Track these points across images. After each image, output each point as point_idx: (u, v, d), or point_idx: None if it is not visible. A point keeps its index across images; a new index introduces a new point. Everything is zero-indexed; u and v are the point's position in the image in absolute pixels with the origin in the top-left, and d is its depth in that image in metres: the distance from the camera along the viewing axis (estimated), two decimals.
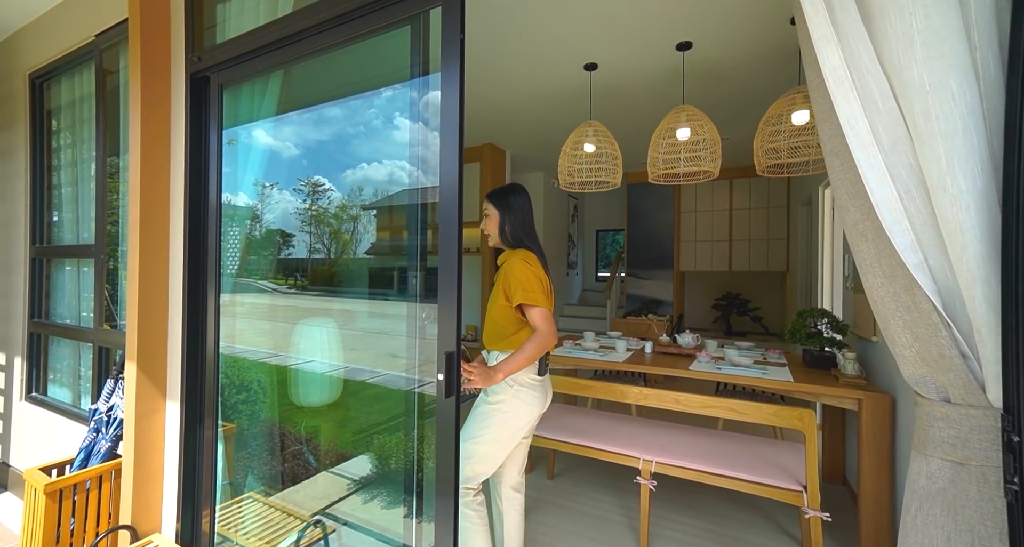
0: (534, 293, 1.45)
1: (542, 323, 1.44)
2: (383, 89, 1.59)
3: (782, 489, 1.72)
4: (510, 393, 1.51)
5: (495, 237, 1.64)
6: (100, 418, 1.76)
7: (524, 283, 1.46)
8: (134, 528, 1.65)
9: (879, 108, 0.78)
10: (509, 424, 1.52)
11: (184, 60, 1.72)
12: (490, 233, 1.64)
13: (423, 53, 1.29)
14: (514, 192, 1.62)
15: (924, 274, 0.76)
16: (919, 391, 0.84)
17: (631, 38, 2.62)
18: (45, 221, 2.56)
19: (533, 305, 1.45)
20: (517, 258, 1.51)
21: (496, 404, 1.53)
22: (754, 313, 6.44)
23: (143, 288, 1.69)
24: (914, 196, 0.76)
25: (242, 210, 1.88)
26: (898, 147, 0.76)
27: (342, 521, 1.89)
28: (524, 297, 1.44)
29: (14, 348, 2.65)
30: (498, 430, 1.51)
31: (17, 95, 2.66)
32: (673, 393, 1.94)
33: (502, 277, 1.54)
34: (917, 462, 0.84)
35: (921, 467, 0.83)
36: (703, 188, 6.38)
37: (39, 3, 2.35)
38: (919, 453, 0.84)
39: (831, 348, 2.38)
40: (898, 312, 0.82)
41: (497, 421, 1.52)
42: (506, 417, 1.51)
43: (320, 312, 2.24)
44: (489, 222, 1.63)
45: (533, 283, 1.46)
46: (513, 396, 1.51)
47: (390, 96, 1.56)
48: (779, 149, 2.31)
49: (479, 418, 1.55)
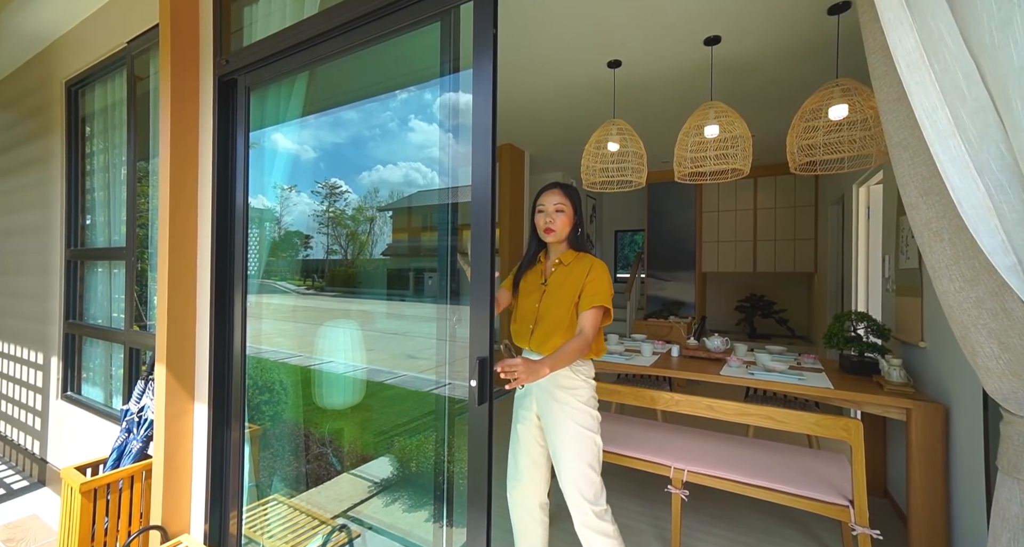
0: (609, 297, 1.48)
1: (593, 330, 1.45)
2: (412, 87, 1.56)
3: (827, 503, 1.63)
4: (592, 387, 1.52)
5: (561, 234, 1.57)
6: (131, 419, 1.78)
7: (607, 286, 1.48)
8: (164, 528, 1.65)
9: (964, 95, 0.70)
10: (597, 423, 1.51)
11: (212, 63, 1.73)
12: (557, 229, 1.55)
13: (453, 50, 1.25)
14: (579, 193, 1.61)
15: (1018, 277, 0.69)
16: (1008, 408, 0.76)
17: (657, 34, 2.55)
18: (79, 225, 2.63)
19: (605, 311, 1.49)
20: (602, 264, 1.53)
21: (589, 399, 1.51)
22: (780, 315, 6.25)
23: (172, 290, 1.70)
24: (1007, 191, 0.68)
25: (265, 212, 1.88)
26: (987, 137, 0.69)
27: (367, 525, 1.87)
28: (607, 300, 1.47)
29: (51, 348, 2.72)
30: (597, 426, 1.50)
31: (54, 102, 2.73)
32: (707, 399, 1.86)
33: (581, 278, 1.50)
34: (1008, 487, 0.76)
35: (1013, 494, 0.75)
36: (726, 187, 6.23)
37: (77, 12, 2.41)
38: (1010, 477, 0.76)
39: (872, 353, 2.27)
40: (981, 319, 0.75)
41: (593, 416, 1.50)
42: (594, 413, 1.50)
43: (340, 313, 2.24)
44: (563, 219, 1.55)
45: (612, 294, 1.50)
46: (591, 393, 1.52)
47: (418, 94, 1.53)
48: (815, 145, 2.20)
49: (581, 433, 1.47)
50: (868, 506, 1.52)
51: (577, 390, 1.49)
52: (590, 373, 1.54)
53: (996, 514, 0.76)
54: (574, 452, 1.46)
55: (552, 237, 1.57)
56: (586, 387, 1.51)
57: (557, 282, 1.55)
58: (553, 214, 1.55)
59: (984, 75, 0.69)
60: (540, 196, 1.59)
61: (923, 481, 1.73)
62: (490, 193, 1.07)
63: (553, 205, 1.55)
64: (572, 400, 1.48)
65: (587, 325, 1.44)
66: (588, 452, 1.46)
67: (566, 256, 1.58)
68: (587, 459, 1.46)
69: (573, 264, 1.55)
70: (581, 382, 1.50)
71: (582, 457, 1.45)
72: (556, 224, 1.55)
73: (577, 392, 1.49)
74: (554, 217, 1.55)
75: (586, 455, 1.46)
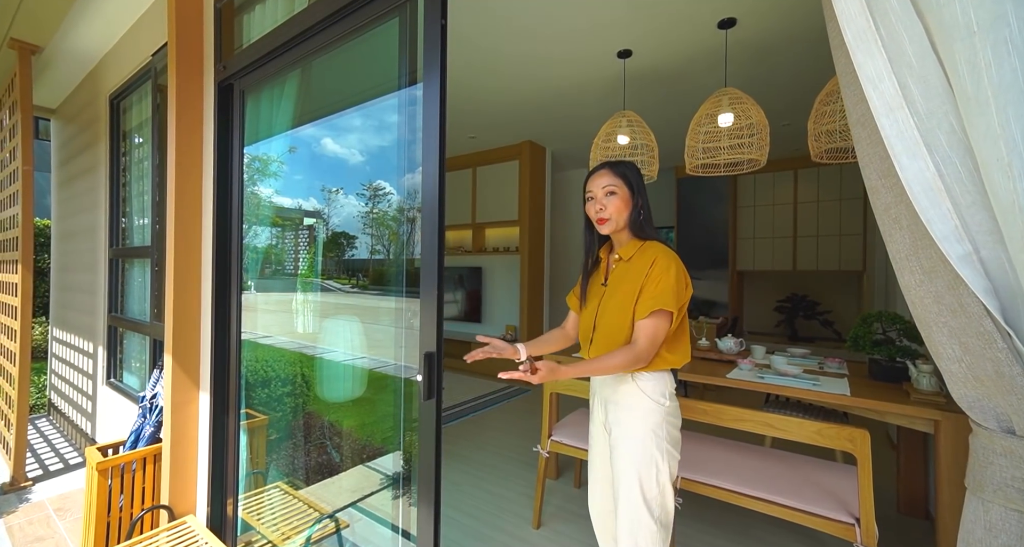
0: (676, 299, 1.18)
1: (650, 341, 1.16)
2: (381, 95, 1.57)
3: (829, 520, 1.49)
4: (667, 408, 1.23)
5: (619, 222, 1.27)
6: (145, 405, 1.93)
7: (675, 287, 1.18)
8: (171, 508, 1.78)
9: (911, 61, 0.62)
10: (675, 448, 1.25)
11: (214, 70, 1.83)
12: (612, 216, 1.26)
13: (410, 49, 1.25)
14: (638, 169, 1.31)
15: (972, 269, 0.59)
16: (973, 417, 0.66)
17: (668, 18, 2.44)
18: (120, 226, 2.88)
19: (669, 315, 1.19)
20: (668, 253, 1.22)
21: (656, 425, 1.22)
22: (825, 317, 5.81)
23: (178, 285, 1.82)
24: (958, 169, 0.59)
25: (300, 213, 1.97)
26: (935, 108, 0.60)
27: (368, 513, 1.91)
28: (668, 303, 1.17)
29: (98, 338, 3.00)
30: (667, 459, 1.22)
31: (101, 116, 3.01)
32: (703, 403, 1.76)
33: (641, 275, 1.22)
34: (973, 506, 0.66)
35: (978, 514, 0.65)
36: (763, 180, 5.87)
37: (115, 30, 2.63)
38: (975, 496, 0.66)
39: (903, 358, 2.05)
40: (941, 317, 0.65)
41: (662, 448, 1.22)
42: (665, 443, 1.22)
43: (348, 309, 2.30)
44: (617, 203, 1.25)
45: (681, 284, 1.20)
46: (671, 412, 1.25)
47: (385, 101, 1.54)
48: (833, 131, 2.02)
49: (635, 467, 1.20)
50: (904, 528, 1.37)
51: (636, 410, 1.22)
52: (661, 389, 1.22)
53: (961, 538, 0.66)
54: (627, 487, 1.20)
55: (609, 227, 1.28)
56: (655, 410, 1.21)
57: (616, 281, 1.29)
58: (604, 199, 1.26)
59: (932, 37, 0.60)
60: (587, 181, 1.31)
61: (952, 501, 1.54)
62: (438, 185, 1.07)
63: (603, 188, 1.26)
64: (634, 422, 1.22)
65: (641, 336, 1.17)
66: (647, 490, 1.19)
67: (627, 248, 1.29)
68: (643, 498, 1.18)
69: (635, 258, 1.26)
70: (648, 401, 1.21)
71: (637, 496, 1.19)
72: (609, 210, 1.25)
73: (636, 413, 1.22)
74: (605, 203, 1.26)
75: (643, 493, 1.18)
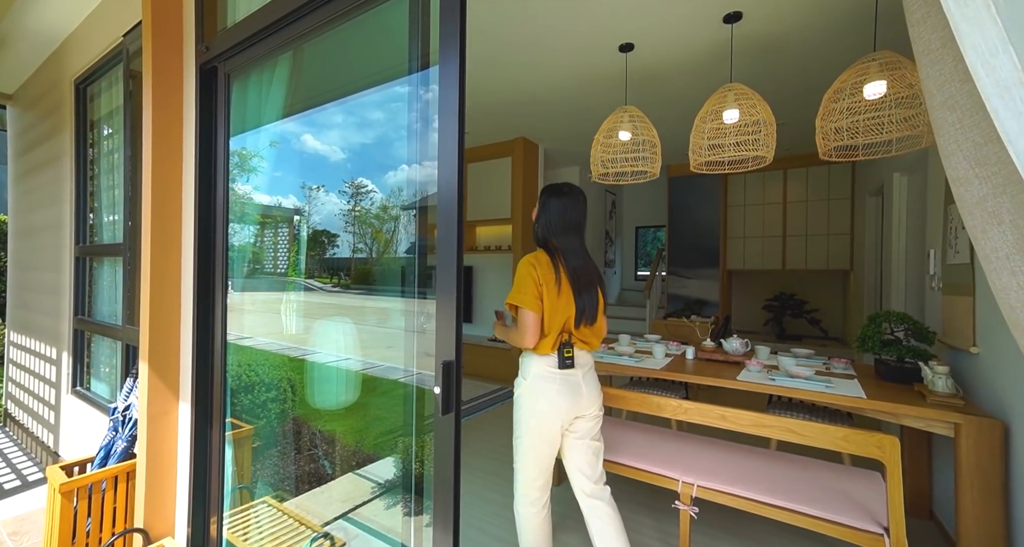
0: (520, 295, 1.49)
1: (521, 323, 1.51)
2: (388, 80, 1.45)
3: (857, 530, 1.43)
4: (524, 386, 1.56)
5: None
6: (117, 418, 1.75)
7: (518, 284, 1.52)
8: (146, 531, 1.61)
9: None
10: (531, 419, 1.53)
11: (195, 51, 1.67)
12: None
13: (422, 33, 1.13)
14: (555, 192, 1.61)
15: None
16: None
17: (672, 11, 2.36)
18: (87, 222, 2.66)
19: (518, 306, 1.52)
20: (525, 258, 1.56)
21: (516, 399, 1.59)
22: (811, 315, 5.88)
23: (155, 286, 1.65)
24: None
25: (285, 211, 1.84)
26: None
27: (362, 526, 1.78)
28: (512, 298, 1.51)
29: (62, 342, 2.77)
30: (523, 426, 1.54)
31: (64, 102, 2.78)
32: (719, 408, 1.69)
33: None
34: None
35: None
36: (753, 179, 5.90)
37: (78, 10, 2.42)
38: None
39: (912, 359, 2.03)
40: None
41: (519, 417, 1.56)
42: (522, 412, 1.55)
43: (344, 310, 2.16)
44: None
45: (526, 285, 1.49)
46: (527, 389, 1.54)
47: (393, 88, 1.42)
48: (845, 128, 1.97)
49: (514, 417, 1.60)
50: (909, 529, 1.33)
51: (519, 397, 1.57)
52: (527, 370, 1.55)
53: None
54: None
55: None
56: (520, 383, 1.57)
57: None
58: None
59: None
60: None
61: (976, 507, 1.50)
62: (457, 177, 0.95)
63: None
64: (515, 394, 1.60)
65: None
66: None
67: None
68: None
69: None
70: (523, 389, 1.55)
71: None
72: None
73: (517, 391, 1.59)
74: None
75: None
